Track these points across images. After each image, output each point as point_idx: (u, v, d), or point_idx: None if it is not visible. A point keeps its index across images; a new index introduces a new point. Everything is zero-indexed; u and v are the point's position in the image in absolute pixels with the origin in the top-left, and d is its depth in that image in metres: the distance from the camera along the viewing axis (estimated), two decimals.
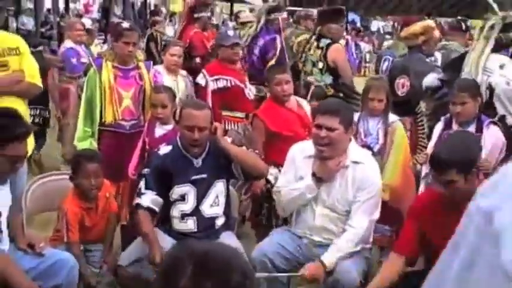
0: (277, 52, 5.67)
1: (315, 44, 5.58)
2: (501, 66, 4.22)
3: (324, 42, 5.49)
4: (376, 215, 3.49)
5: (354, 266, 3.32)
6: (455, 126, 4.15)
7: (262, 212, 4.49)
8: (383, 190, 3.65)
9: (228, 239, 3.49)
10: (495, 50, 4.38)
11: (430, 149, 4.29)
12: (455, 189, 2.97)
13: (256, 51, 5.82)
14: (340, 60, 5.51)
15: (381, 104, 4.24)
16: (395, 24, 24.37)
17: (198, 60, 6.33)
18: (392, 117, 4.29)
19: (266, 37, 5.90)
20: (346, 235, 3.41)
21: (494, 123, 4.09)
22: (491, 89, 4.27)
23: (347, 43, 12.45)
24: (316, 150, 3.46)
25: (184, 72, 5.56)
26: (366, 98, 4.27)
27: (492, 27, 4.42)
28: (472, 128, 4.04)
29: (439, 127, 4.29)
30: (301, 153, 3.60)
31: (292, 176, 3.58)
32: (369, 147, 4.16)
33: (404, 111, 4.84)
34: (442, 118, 4.30)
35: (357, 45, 16.96)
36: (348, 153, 3.47)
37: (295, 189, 3.52)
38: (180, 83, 5.35)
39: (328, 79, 5.45)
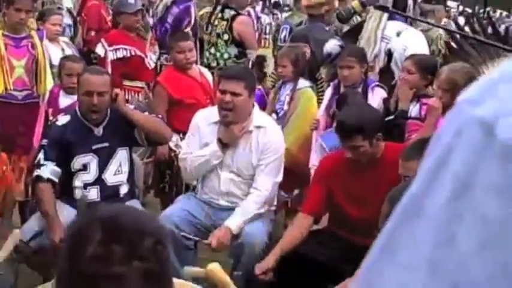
0: (192, 20, 5.58)
1: (220, 15, 5.57)
2: (398, 34, 4.38)
3: (228, 13, 5.47)
4: (280, 177, 3.56)
5: (260, 228, 3.38)
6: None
7: (165, 180, 4.45)
8: None
9: None
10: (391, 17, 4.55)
11: (320, 115, 4.41)
12: (361, 153, 3.08)
13: (170, 19, 5.71)
14: (246, 32, 5.54)
15: (285, 70, 4.34)
16: None
17: (92, 33, 6.14)
18: (302, 83, 4.36)
19: (180, 6, 5.80)
20: (251, 198, 3.45)
21: (380, 85, 4.25)
22: (389, 54, 4.41)
23: (249, 14, 12.42)
24: (221, 115, 3.48)
25: (66, 39, 5.41)
26: (275, 65, 4.38)
27: None
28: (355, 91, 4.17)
29: (328, 92, 4.41)
30: (205, 120, 3.60)
31: (198, 143, 3.58)
32: (276, 113, 4.24)
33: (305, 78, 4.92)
34: (331, 83, 4.42)
35: (258, 17, 17.02)
36: (251, 118, 3.50)
37: (200, 155, 3.52)
38: (66, 51, 5.17)
39: (234, 51, 5.46)
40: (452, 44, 4.46)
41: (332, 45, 4.85)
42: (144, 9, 5.90)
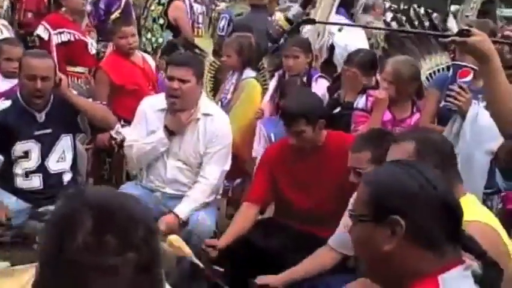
0: (122, 4, 5.46)
1: (156, 0, 5.52)
2: (339, 29, 4.44)
3: None
4: (228, 166, 3.54)
5: (208, 216, 3.35)
6: None
7: (105, 167, 4.36)
8: None
9: None
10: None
11: (264, 104, 4.43)
12: (304, 139, 3.10)
13: (102, 5, 5.58)
14: (181, 18, 5.56)
15: (229, 60, 4.34)
16: None
17: (29, 15, 5.90)
18: (247, 73, 4.36)
19: None
20: (199, 186, 3.42)
21: (323, 76, 4.31)
22: (332, 48, 4.48)
23: (183, 1, 12.31)
24: (168, 102, 3.42)
25: (5, 22, 5.19)
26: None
27: None
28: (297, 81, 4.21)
29: (273, 82, 4.44)
30: (152, 107, 3.54)
31: (144, 130, 3.52)
32: (221, 101, 4.23)
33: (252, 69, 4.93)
34: (276, 73, 4.45)
35: (191, 6, 16.88)
36: (199, 106, 3.46)
37: (147, 143, 3.47)
38: (4, 34, 4.95)
39: (169, 35, 5.42)
40: (392, 39, 4.55)
41: (295, 11, 4.79)
42: None
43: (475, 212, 1.80)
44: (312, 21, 4.41)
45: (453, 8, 14.42)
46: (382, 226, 1.36)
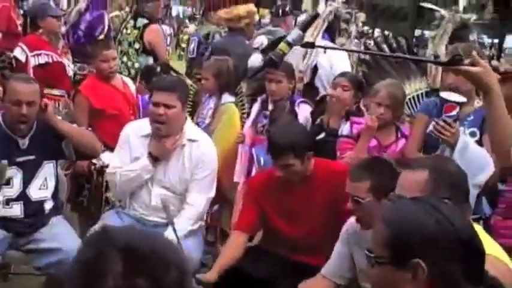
0: (106, 27, 5.40)
1: (132, 23, 5.49)
2: (324, 51, 4.45)
3: (140, 21, 5.44)
4: (213, 192, 3.50)
5: (194, 248, 3.29)
6: (270, 106, 4.29)
7: (83, 194, 4.26)
8: None
9: (59, 224, 3.29)
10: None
11: (246, 128, 4.41)
12: (292, 172, 3.08)
13: (83, 26, 5.51)
14: (158, 42, 5.53)
15: (207, 83, 4.32)
16: (194, 9, 25.89)
17: None
18: (226, 98, 4.33)
19: (93, 13, 5.62)
20: (185, 213, 3.36)
21: (305, 102, 4.31)
22: (315, 69, 4.48)
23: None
24: (153, 128, 3.37)
25: None
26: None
27: (331, 12, 4.67)
28: (285, 107, 4.21)
29: (256, 107, 4.42)
30: (135, 133, 3.47)
31: (127, 156, 3.45)
32: (197, 125, 4.19)
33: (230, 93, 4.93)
34: (259, 98, 4.43)
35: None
36: (184, 132, 3.42)
37: (131, 170, 3.40)
38: None
39: (145, 60, 5.40)
40: (370, 61, 4.59)
41: (254, 59, 4.86)
42: None
43: (486, 245, 1.79)
44: (311, 45, 4.42)
45: (417, 32, 14.74)
46: (403, 269, 1.33)
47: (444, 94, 3.01)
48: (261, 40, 4.70)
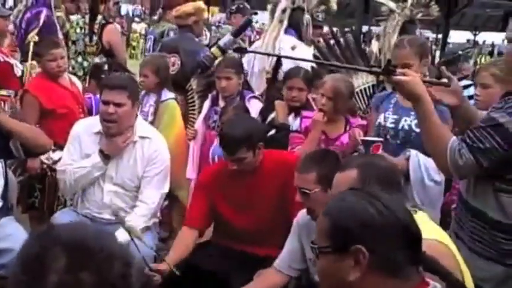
0: (40, 25, 5.30)
1: (84, 21, 5.46)
2: (292, 48, 4.50)
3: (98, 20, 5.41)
4: (166, 188, 3.51)
5: (149, 241, 3.30)
6: (221, 102, 4.33)
7: (35, 194, 4.21)
8: None
9: (10, 225, 3.24)
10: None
11: (197, 125, 4.44)
12: (245, 164, 3.12)
13: (23, 25, 5.41)
14: (115, 41, 5.56)
15: (147, 80, 4.33)
16: (144, 8, 25.76)
17: None
18: (167, 95, 4.35)
19: (33, 11, 5.52)
20: (139, 210, 3.37)
21: (255, 97, 4.36)
22: (277, 65, 4.53)
23: None
24: (104, 126, 3.37)
25: None
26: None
27: (284, 10, 4.70)
28: (235, 102, 4.25)
29: (207, 104, 4.45)
30: (86, 130, 3.47)
31: (78, 153, 3.45)
32: None
33: (174, 88, 4.92)
34: (210, 95, 4.47)
35: None
36: (135, 129, 3.43)
37: (81, 167, 3.39)
38: None
39: (102, 60, 5.39)
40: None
41: (226, 40, 4.81)
42: None
43: (429, 230, 1.86)
44: (244, 50, 4.49)
45: (365, 28, 14.94)
46: (344, 257, 1.36)
47: (366, 137, 3.19)
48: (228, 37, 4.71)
